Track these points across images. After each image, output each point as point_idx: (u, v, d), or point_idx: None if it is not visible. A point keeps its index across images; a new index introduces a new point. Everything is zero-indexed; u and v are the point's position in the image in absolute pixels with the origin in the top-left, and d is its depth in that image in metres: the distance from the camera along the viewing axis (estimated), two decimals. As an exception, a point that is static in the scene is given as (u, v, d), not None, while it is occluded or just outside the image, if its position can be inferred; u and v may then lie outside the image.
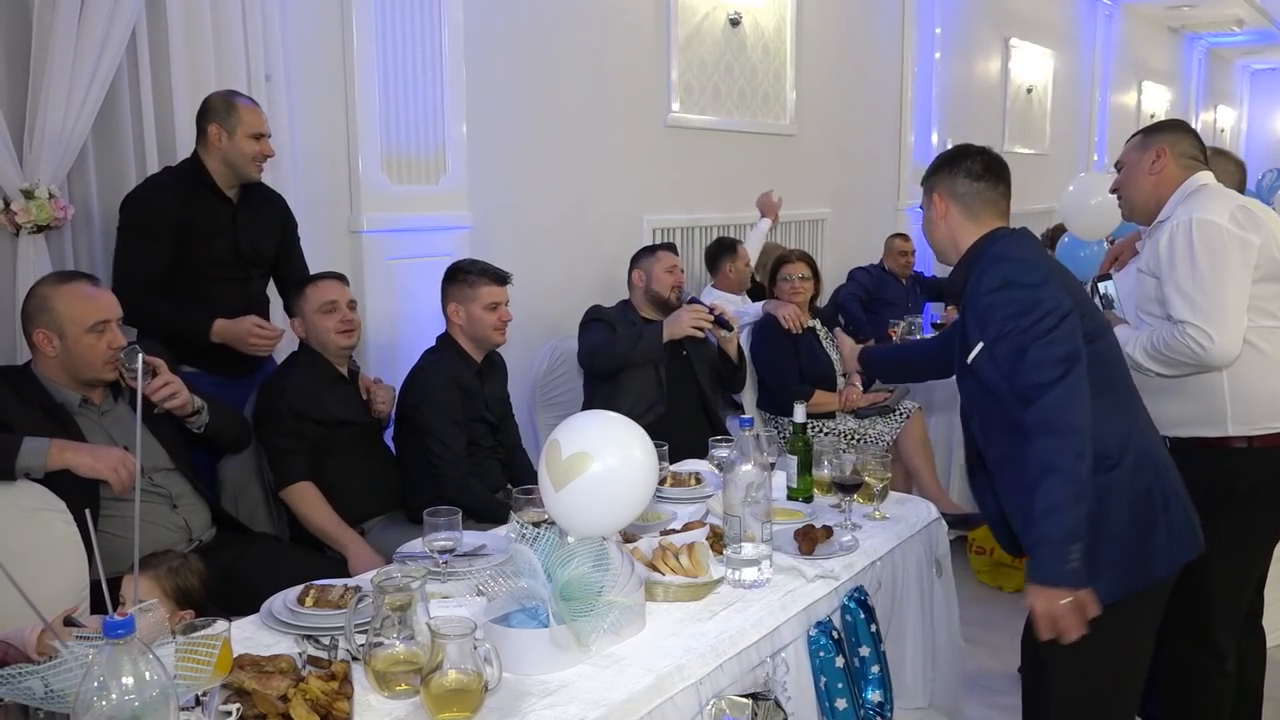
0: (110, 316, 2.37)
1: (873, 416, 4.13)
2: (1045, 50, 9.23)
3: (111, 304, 2.39)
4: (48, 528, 2.15)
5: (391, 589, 1.61)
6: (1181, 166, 2.47)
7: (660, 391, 3.63)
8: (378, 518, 2.90)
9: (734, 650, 1.80)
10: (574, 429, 1.79)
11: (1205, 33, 13.29)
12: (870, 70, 6.63)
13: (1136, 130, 2.66)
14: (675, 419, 3.52)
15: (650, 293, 3.74)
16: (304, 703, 1.46)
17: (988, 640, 3.45)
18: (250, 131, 2.83)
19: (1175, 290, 2.30)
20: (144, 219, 2.74)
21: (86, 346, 2.33)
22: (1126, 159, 2.58)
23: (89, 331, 2.33)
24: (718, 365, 3.85)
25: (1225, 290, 2.27)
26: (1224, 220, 2.30)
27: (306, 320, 2.87)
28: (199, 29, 2.99)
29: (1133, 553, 2.00)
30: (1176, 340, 2.28)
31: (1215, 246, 2.28)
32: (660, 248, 3.84)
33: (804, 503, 2.52)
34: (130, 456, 2.24)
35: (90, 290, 2.38)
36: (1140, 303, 2.46)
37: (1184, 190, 2.44)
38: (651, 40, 4.83)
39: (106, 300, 2.39)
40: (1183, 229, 2.32)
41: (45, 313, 2.33)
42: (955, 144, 2.34)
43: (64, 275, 2.43)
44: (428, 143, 3.71)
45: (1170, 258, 2.32)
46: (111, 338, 2.36)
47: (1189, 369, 2.34)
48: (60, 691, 1.29)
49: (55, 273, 2.49)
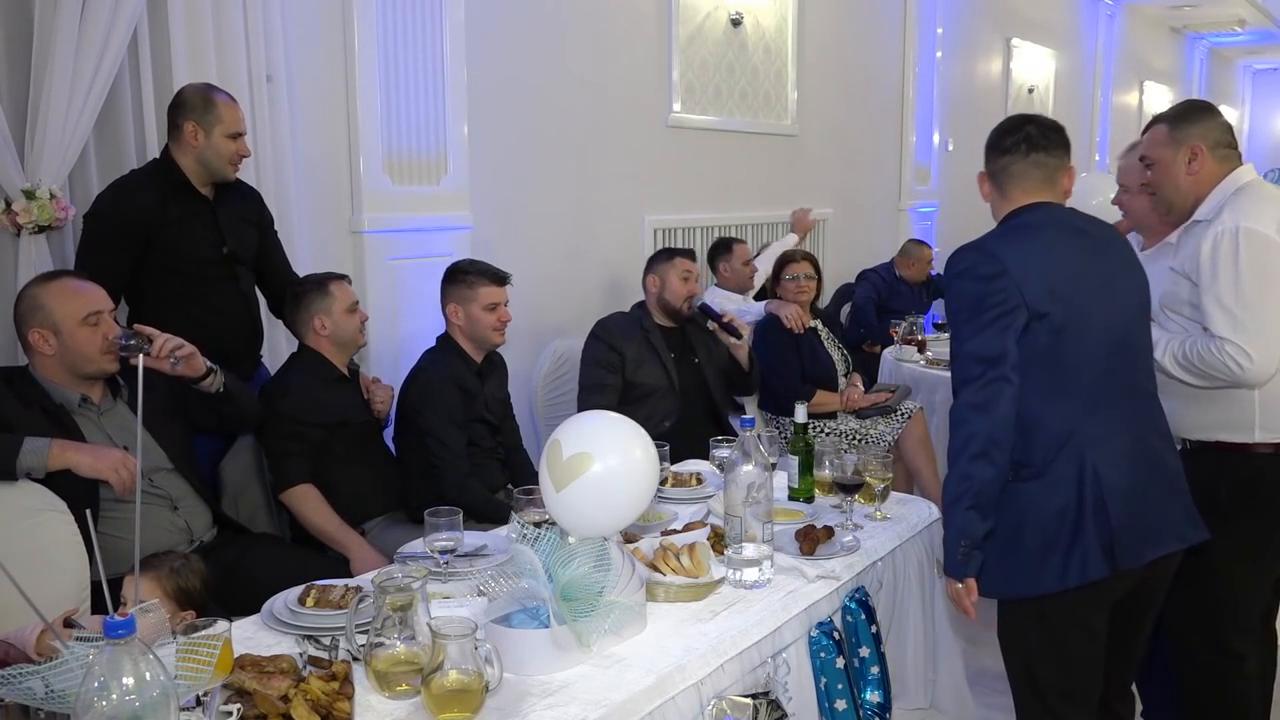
0: (102, 307, 2.37)
1: (874, 417, 4.12)
2: (1047, 50, 9.22)
3: (101, 296, 2.39)
4: (48, 528, 2.15)
5: (392, 589, 1.61)
6: (1219, 160, 2.33)
7: (675, 400, 3.62)
8: (378, 518, 2.90)
9: (735, 650, 1.80)
10: (575, 429, 1.79)
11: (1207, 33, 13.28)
12: (872, 70, 6.63)
13: (1158, 118, 2.48)
14: (686, 426, 3.51)
15: (663, 300, 3.70)
16: (305, 703, 1.46)
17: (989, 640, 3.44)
18: (229, 130, 2.75)
19: (1215, 303, 2.19)
20: (106, 229, 2.67)
21: (83, 339, 2.33)
22: (1157, 157, 2.40)
23: (83, 324, 2.32)
24: (729, 371, 3.83)
25: (1268, 307, 2.17)
26: (1272, 231, 2.20)
27: (334, 319, 2.86)
28: (200, 29, 2.98)
29: (1033, 558, 1.97)
30: (1213, 356, 2.18)
31: (1262, 260, 2.17)
32: (679, 253, 3.76)
33: (805, 503, 2.52)
34: (130, 458, 2.24)
35: (78, 284, 2.37)
36: (1168, 300, 2.34)
37: (1225, 189, 2.30)
38: (653, 40, 4.83)
39: (96, 292, 2.38)
40: (1228, 238, 2.19)
41: (37, 311, 2.32)
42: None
43: (50, 274, 2.42)
44: (429, 143, 3.71)
45: (1213, 267, 2.20)
46: (106, 328, 2.36)
47: (1220, 384, 2.24)
48: (61, 691, 1.29)
49: (40, 274, 2.47)
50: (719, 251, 4.69)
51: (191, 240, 2.79)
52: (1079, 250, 2.03)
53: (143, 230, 2.70)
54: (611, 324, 3.67)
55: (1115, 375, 2.01)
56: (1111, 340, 2.00)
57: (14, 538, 2.09)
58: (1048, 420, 1.96)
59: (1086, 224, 2.10)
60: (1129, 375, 2.04)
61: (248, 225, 2.95)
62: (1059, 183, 2.12)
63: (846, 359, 4.36)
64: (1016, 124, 2.13)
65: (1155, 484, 2.01)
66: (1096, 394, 1.98)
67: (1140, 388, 2.07)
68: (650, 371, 3.61)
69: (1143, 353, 2.10)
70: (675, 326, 3.72)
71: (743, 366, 3.80)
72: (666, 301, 3.69)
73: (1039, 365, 1.95)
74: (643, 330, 3.66)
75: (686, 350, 3.73)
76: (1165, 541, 2.02)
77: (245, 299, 2.95)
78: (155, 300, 2.78)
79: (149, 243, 2.72)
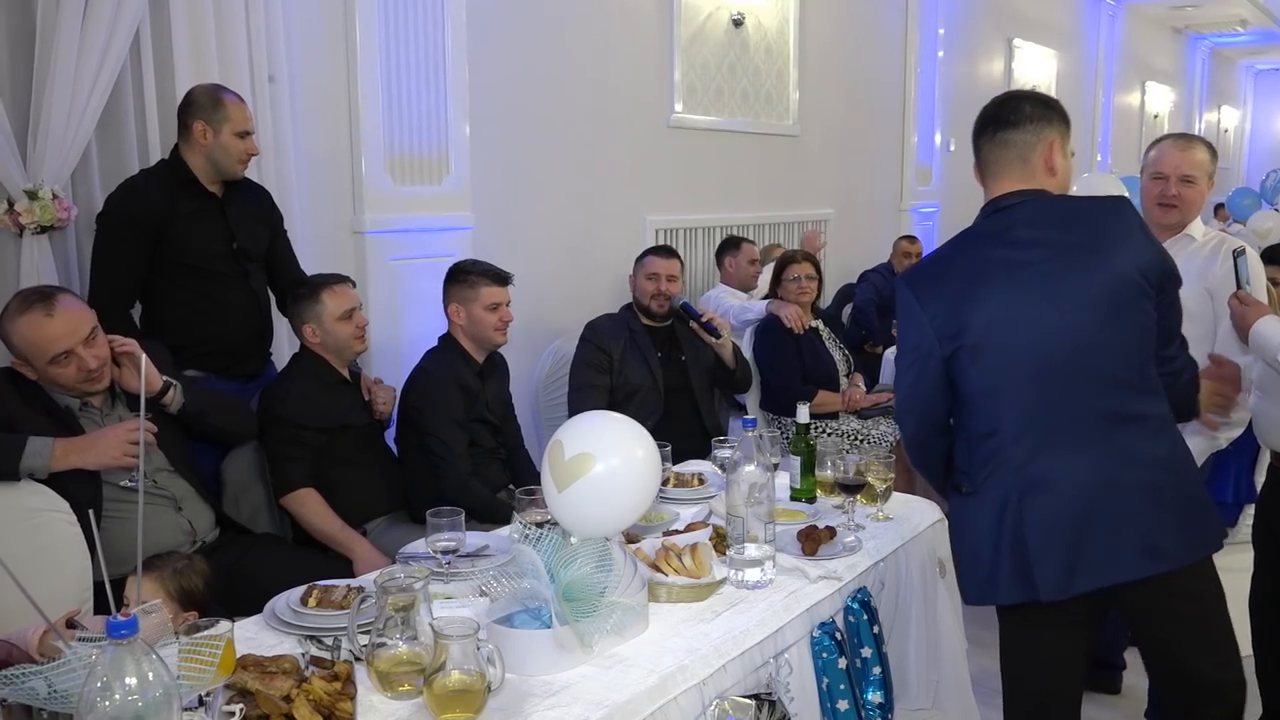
0: (70, 345, 2.25)
1: (876, 417, 4.12)
2: (1048, 50, 9.22)
3: (69, 329, 2.25)
4: (51, 528, 2.15)
5: (394, 589, 1.61)
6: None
7: (658, 399, 3.63)
8: (380, 518, 2.90)
9: (737, 651, 1.79)
10: (577, 430, 1.79)
11: (1209, 33, 13.29)
12: (873, 70, 6.63)
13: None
14: (670, 423, 3.53)
15: (635, 299, 3.75)
16: (307, 703, 1.46)
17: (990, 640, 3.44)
18: (237, 129, 2.76)
19: None
20: (118, 227, 2.67)
21: (55, 374, 2.28)
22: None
23: (51, 364, 2.26)
24: (715, 370, 3.85)
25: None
26: None
27: (323, 326, 2.84)
28: (202, 30, 2.98)
29: (981, 569, 2.00)
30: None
31: None
32: (650, 252, 3.77)
33: (807, 503, 2.52)
34: (131, 423, 2.24)
35: (43, 322, 2.22)
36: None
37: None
38: (654, 40, 4.83)
39: (63, 326, 2.24)
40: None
41: (10, 345, 2.28)
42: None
43: (24, 301, 2.27)
44: (431, 143, 3.72)
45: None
46: (80, 361, 2.28)
47: None
48: (64, 692, 1.29)
49: (18, 294, 2.32)
50: (727, 248, 4.75)
51: (201, 236, 2.79)
52: (1002, 278, 1.91)
53: (153, 226, 2.70)
54: (600, 325, 3.70)
55: (1057, 404, 1.89)
56: (1045, 368, 1.89)
57: (16, 538, 2.09)
58: (980, 444, 1.98)
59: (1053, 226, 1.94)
60: (1083, 402, 1.89)
61: (258, 222, 2.96)
62: (1033, 161, 1.96)
63: (848, 359, 4.36)
64: (989, 105, 2.05)
65: (1102, 516, 1.88)
66: (1031, 423, 1.91)
67: (1109, 413, 1.89)
68: (635, 371, 3.63)
69: (1108, 377, 1.89)
70: (662, 326, 3.73)
71: (728, 365, 3.82)
72: (637, 300, 3.71)
73: (971, 390, 1.96)
74: (629, 331, 3.68)
75: (673, 349, 3.74)
76: (1102, 574, 1.89)
77: (255, 296, 2.95)
78: (165, 297, 2.79)
79: (159, 239, 2.72)
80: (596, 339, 3.64)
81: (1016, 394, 1.92)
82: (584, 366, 3.62)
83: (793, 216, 5.92)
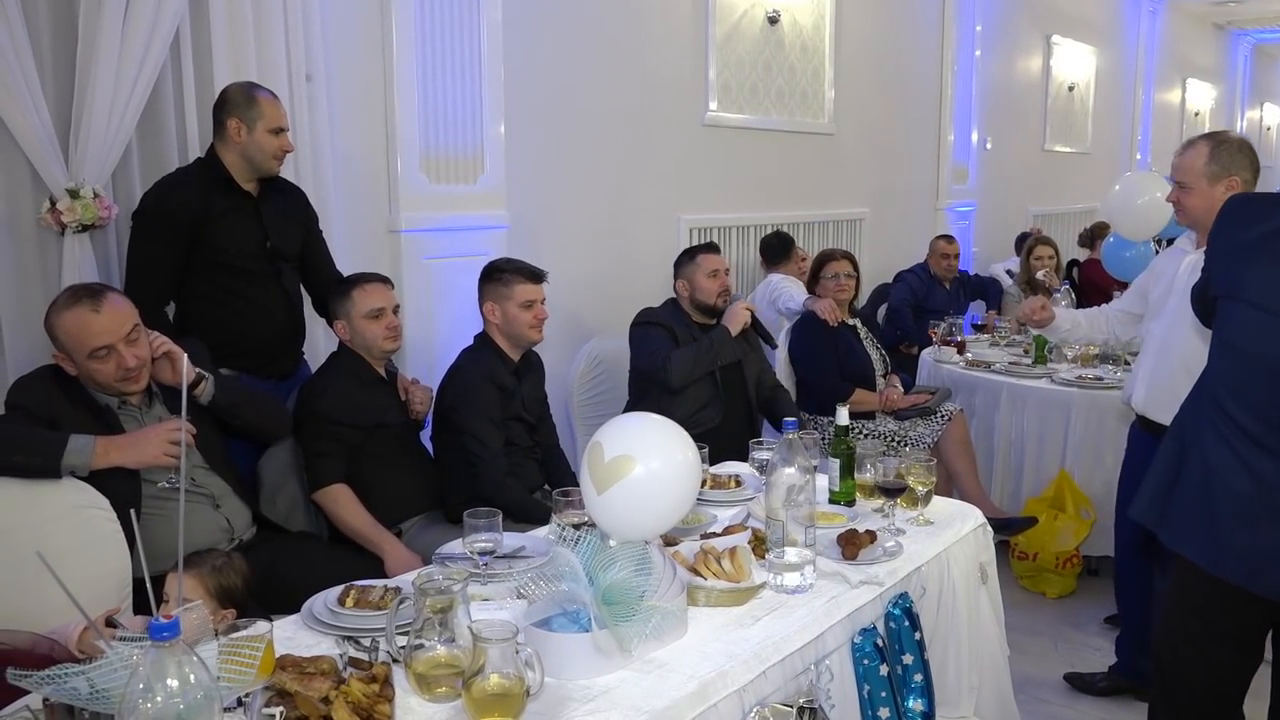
0: (111, 340, 2.27)
1: (913, 418, 4.08)
2: (1088, 47, 9.10)
3: (113, 325, 2.28)
4: (92, 525, 2.16)
5: (433, 591, 1.60)
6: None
7: (717, 399, 3.60)
8: (416, 518, 2.90)
9: (778, 657, 1.77)
10: (617, 431, 1.77)
11: (1251, 28, 13.05)
12: (909, 68, 6.57)
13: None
14: (724, 426, 3.50)
15: (696, 301, 3.69)
16: (345, 705, 1.45)
17: (1030, 647, 3.38)
18: (271, 126, 2.76)
19: None
20: (153, 225, 2.68)
21: (94, 370, 2.30)
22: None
23: (90, 358, 2.28)
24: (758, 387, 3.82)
25: None
26: None
27: (352, 324, 2.85)
28: (241, 29, 3.00)
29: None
30: None
31: None
32: (700, 250, 3.74)
33: (846, 506, 2.48)
34: (171, 423, 2.26)
35: (88, 316, 2.26)
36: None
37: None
38: (689, 39, 4.81)
39: (107, 322, 2.27)
40: None
41: (54, 338, 2.31)
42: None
43: (73, 295, 2.31)
44: (466, 142, 3.71)
45: None
46: (120, 359, 2.29)
47: None
48: (105, 691, 1.29)
49: (69, 289, 2.38)
50: (783, 251, 4.92)
51: (235, 235, 2.79)
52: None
53: (188, 224, 2.71)
54: (652, 312, 3.69)
55: None
56: None
57: (57, 534, 2.10)
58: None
59: None
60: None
61: (292, 222, 2.96)
62: None
63: (885, 359, 4.32)
64: None
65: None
66: None
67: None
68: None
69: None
70: (714, 324, 3.70)
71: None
72: (700, 301, 3.68)
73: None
74: (684, 325, 3.66)
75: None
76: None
77: (288, 296, 2.95)
78: (197, 295, 2.80)
79: (194, 237, 2.73)
80: (654, 318, 3.63)
81: None
82: (650, 341, 3.56)
83: (828, 216, 5.87)
